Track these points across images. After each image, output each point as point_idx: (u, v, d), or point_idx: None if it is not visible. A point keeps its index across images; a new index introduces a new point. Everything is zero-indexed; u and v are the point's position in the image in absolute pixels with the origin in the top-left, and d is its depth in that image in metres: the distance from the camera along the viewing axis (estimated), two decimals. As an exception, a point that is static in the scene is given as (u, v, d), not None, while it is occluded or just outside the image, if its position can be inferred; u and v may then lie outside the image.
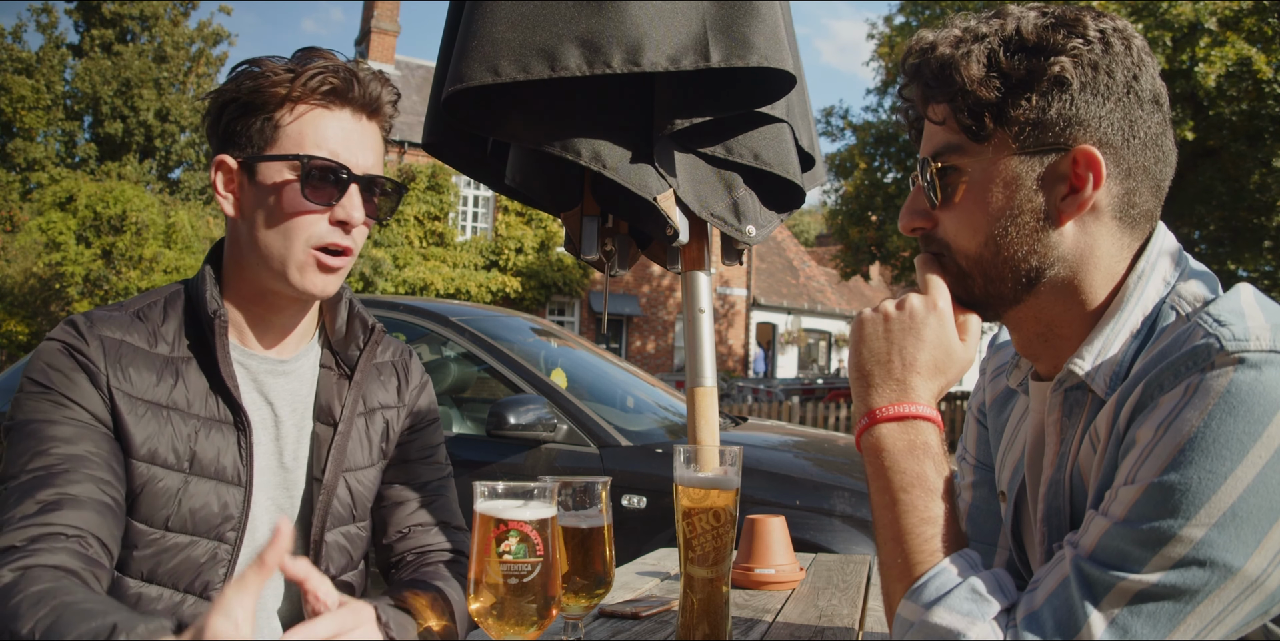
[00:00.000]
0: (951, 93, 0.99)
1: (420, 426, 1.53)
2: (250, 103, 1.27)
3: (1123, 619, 0.82)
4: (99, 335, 1.24)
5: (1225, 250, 17.22)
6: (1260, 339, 0.84)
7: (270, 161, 1.27)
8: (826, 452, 4.15)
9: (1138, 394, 0.90)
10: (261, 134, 1.27)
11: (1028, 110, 0.96)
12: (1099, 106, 0.96)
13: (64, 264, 18.83)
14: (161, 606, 1.23)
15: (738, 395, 19.11)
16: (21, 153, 24.26)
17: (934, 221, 1.05)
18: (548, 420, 3.68)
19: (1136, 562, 0.82)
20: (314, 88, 1.27)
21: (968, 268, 1.03)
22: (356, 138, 1.30)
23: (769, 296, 30.41)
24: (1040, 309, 1.03)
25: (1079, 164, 0.96)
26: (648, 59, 1.49)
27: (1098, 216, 0.99)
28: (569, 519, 1.12)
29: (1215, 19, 13.80)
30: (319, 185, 1.26)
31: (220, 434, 1.28)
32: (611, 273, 1.93)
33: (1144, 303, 0.98)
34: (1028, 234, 0.99)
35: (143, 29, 26.31)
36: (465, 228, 23.67)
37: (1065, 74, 0.95)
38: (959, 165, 1.01)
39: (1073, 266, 1.00)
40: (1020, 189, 0.98)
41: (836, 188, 20.07)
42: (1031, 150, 0.97)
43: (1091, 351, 0.99)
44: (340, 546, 1.39)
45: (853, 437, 1.15)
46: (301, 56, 1.31)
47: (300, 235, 1.27)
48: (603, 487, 1.15)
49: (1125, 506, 0.85)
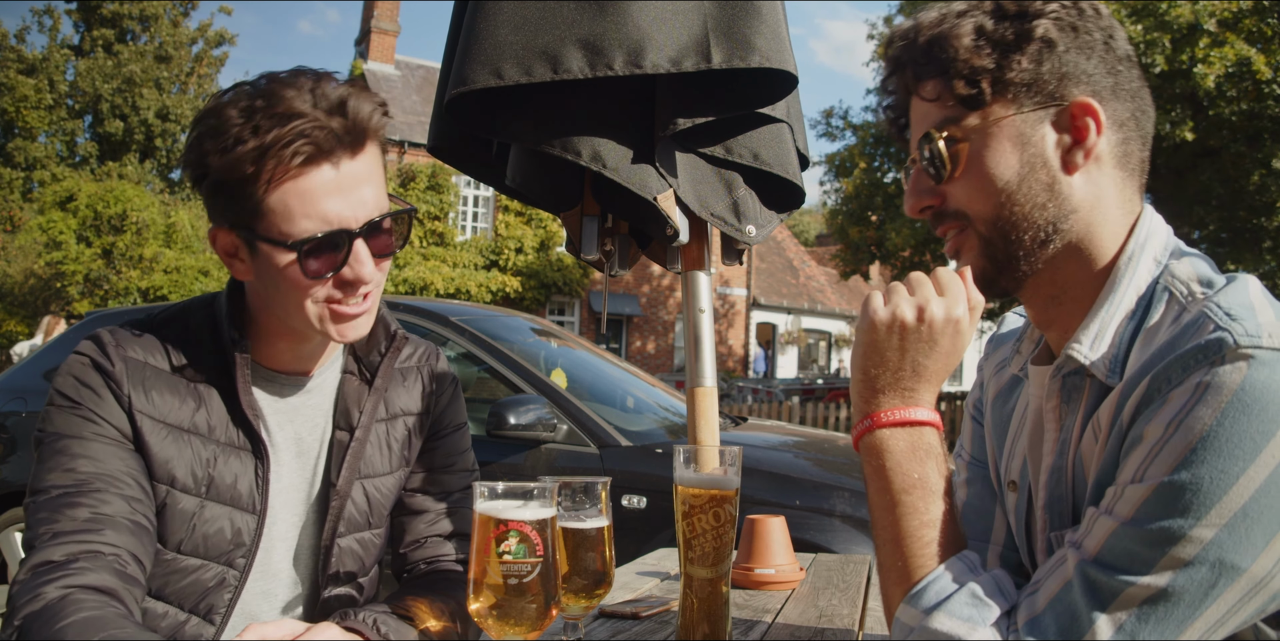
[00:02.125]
0: (944, 66, 1.02)
1: (445, 432, 1.50)
2: (224, 180, 1.15)
3: (1130, 624, 0.81)
4: (124, 356, 1.23)
5: (1225, 250, 17.21)
6: (1273, 336, 0.84)
7: (262, 242, 1.18)
8: (826, 452, 4.15)
9: (1143, 387, 0.89)
10: (245, 209, 1.16)
11: (1021, 71, 0.99)
12: (1085, 61, 1.00)
13: (64, 263, 18.84)
14: (165, 624, 1.24)
15: (738, 395, 19.10)
16: (23, 152, 24.27)
17: (942, 196, 1.06)
18: (548, 420, 3.68)
19: (1144, 564, 0.81)
20: (287, 160, 1.12)
21: (987, 232, 1.04)
22: (349, 184, 1.17)
23: (769, 296, 30.41)
24: (1055, 270, 1.04)
25: (1078, 115, 0.99)
26: (649, 61, 1.49)
27: (1100, 165, 1.01)
28: (569, 519, 1.13)
29: (1214, 20, 13.80)
30: (320, 256, 1.18)
31: (239, 460, 1.27)
32: (611, 273, 1.93)
33: (1136, 283, 0.99)
34: (1041, 189, 1.01)
35: (143, 29, 26.32)
36: (465, 227, 23.67)
37: (1050, 34, 0.99)
38: (960, 135, 1.03)
39: (1086, 218, 1.01)
40: (1027, 146, 1.01)
41: (836, 188, 20.06)
42: (1031, 108, 1.00)
43: (1089, 334, 0.99)
44: (353, 552, 1.39)
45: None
46: (271, 103, 1.13)
47: (315, 301, 1.21)
48: (602, 488, 1.15)
49: (1133, 505, 0.84)
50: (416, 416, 1.46)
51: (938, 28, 1.03)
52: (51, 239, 19.01)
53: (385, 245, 1.24)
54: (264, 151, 1.11)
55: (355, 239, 1.19)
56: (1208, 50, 13.76)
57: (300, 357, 1.34)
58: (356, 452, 1.36)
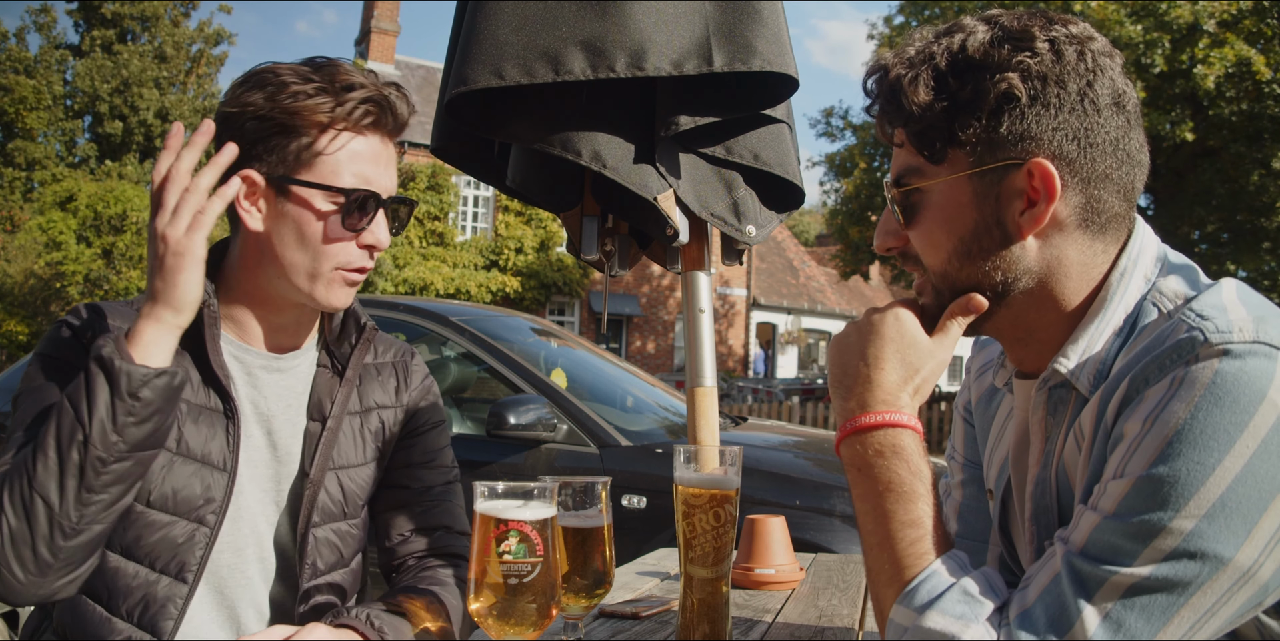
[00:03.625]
0: (904, 117, 1.00)
1: (422, 429, 1.53)
2: (286, 124, 1.25)
3: (1116, 613, 0.82)
4: (98, 323, 1.30)
5: (1225, 250, 17.21)
6: (1243, 330, 0.85)
7: (307, 187, 1.27)
8: (826, 452, 4.15)
9: (1123, 389, 0.90)
10: (297, 157, 1.27)
11: (977, 130, 0.96)
12: (1050, 119, 0.95)
13: (64, 263, 18.84)
14: (137, 583, 1.26)
15: (738, 395, 19.12)
16: (22, 152, 24.27)
17: (904, 240, 1.07)
18: (548, 420, 3.68)
19: (1128, 556, 0.83)
20: (357, 119, 1.27)
21: (939, 285, 1.05)
22: (385, 161, 1.33)
23: (769, 296, 30.42)
24: (1016, 317, 1.04)
25: (1034, 178, 0.96)
26: (651, 63, 1.50)
27: (1060, 228, 0.99)
28: (569, 519, 1.13)
29: (1214, 21, 13.82)
30: (354, 214, 1.29)
31: (209, 420, 1.30)
32: (611, 273, 1.94)
33: (1126, 301, 0.99)
34: (990, 250, 1.00)
35: (143, 29, 26.31)
36: (465, 227, 23.67)
37: (1013, 90, 0.94)
38: (919, 186, 1.03)
39: (1040, 277, 1.00)
40: (982, 205, 0.99)
41: (836, 188, 20.07)
42: (985, 168, 0.98)
43: (1076, 350, 0.99)
44: (330, 542, 1.40)
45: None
46: (328, 73, 1.28)
47: (331, 259, 1.30)
48: (602, 488, 1.16)
49: (1114, 500, 0.85)
50: (391, 410, 1.49)
51: (903, 73, 1.00)
52: (51, 239, 19.02)
53: (395, 227, 1.37)
54: (339, 105, 1.26)
55: (382, 205, 1.32)
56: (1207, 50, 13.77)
57: (272, 329, 1.38)
58: (329, 442, 1.39)
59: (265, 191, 1.29)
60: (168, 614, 1.25)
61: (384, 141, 1.33)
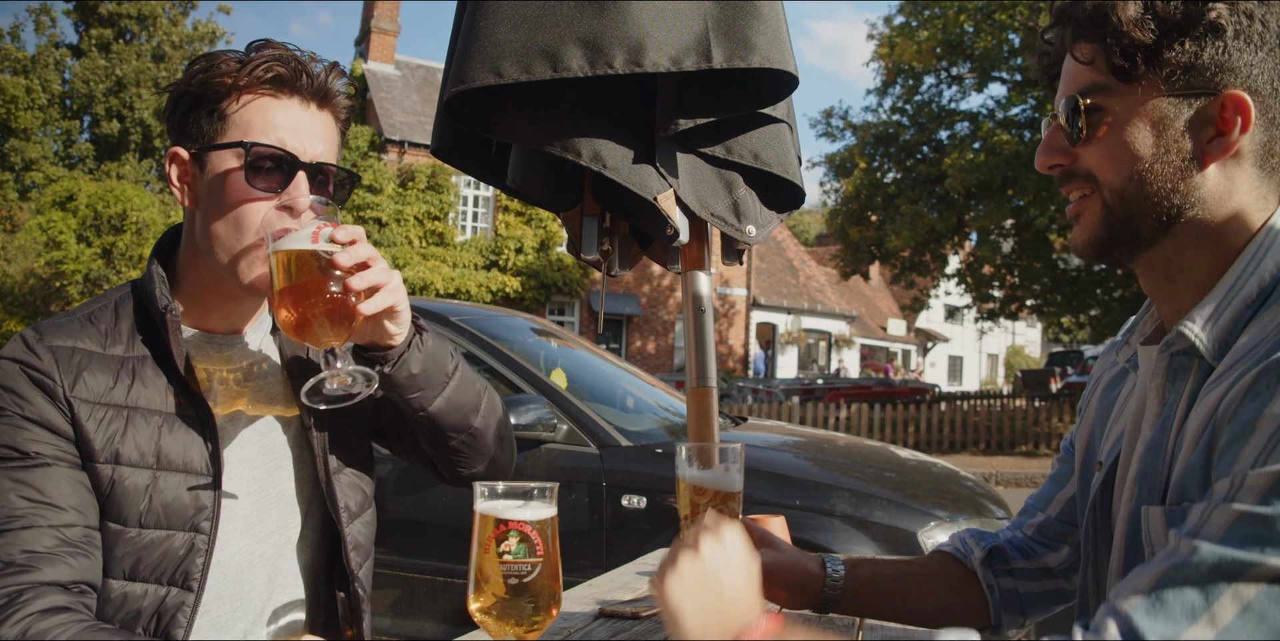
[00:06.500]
0: (1104, 33, 1.00)
1: None
2: (201, 94, 1.28)
3: (1260, 602, 0.78)
4: (50, 346, 1.24)
5: None
6: None
7: (218, 151, 1.27)
8: (826, 452, 4.15)
9: (1251, 378, 0.88)
10: (211, 125, 1.28)
11: (1180, 54, 0.97)
12: (1251, 54, 0.97)
13: (64, 263, 18.84)
14: (147, 602, 1.24)
15: (738, 395, 19.13)
16: (18, 152, 24.26)
17: (1073, 157, 1.07)
18: (548, 420, 3.68)
19: (1275, 544, 0.79)
20: (260, 76, 1.27)
21: (1112, 202, 1.04)
22: (305, 126, 1.30)
23: (769, 296, 30.43)
24: (1175, 250, 1.04)
25: (1227, 108, 0.98)
26: (650, 60, 1.49)
27: (1239, 161, 1.00)
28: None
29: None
30: (265, 173, 1.26)
31: (184, 427, 1.28)
32: (611, 273, 1.93)
33: (1261, 272, 0.99)
34: (1172, 173, 1.00)
35: (141, 28, 26.31)
36: (465, 228, 23.67)
37: (1220, 20, 0.96)
38: (1104, 105, 1.03)
39: (1212, 209, 1.01)
40: (1168, 130, 1.00)
41: (836, 188, 20.06)
42: (1181, 93, 0.99)
43: (1203, 314, 1.00)
44: (353, 484, 1.43)
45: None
46: (253, 48, 1.32)
47: (249, 225, 1.26)
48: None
49: (1258, 491, 0.82)
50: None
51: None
52: (51, 239, 19.02)
53: (325, 194, 1.33)
54: (243, 66, 1.27)
55: (300, 168, 1.28)
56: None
57: (231, 315, 1.37)
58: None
59: (190, 166, 1.30)
60: (177, 623, 1.24)
61: (304, 106, 1.31)
